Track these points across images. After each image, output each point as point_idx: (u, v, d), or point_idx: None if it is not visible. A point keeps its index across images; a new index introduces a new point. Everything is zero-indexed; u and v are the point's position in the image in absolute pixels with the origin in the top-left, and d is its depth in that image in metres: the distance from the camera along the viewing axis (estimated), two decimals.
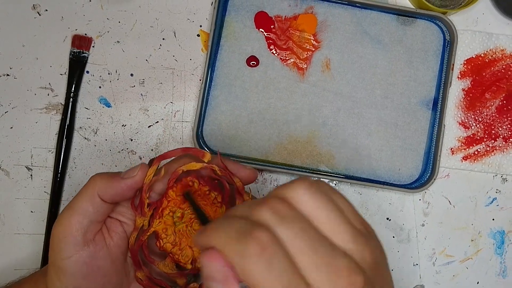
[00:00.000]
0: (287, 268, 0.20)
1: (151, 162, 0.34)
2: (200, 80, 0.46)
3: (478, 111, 0.47)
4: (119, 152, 0.46)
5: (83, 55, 0.46)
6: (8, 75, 0.46)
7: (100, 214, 0.32)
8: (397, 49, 0.47)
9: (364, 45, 0.47)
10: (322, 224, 0.22)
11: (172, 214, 0.34)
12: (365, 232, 0.24)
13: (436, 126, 0.46)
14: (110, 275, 0.33)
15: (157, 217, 0.34)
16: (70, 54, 0.46)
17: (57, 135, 0.46)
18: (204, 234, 0.22)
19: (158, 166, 0.34)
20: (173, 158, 0.35)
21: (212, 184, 0.34)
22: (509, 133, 0.47)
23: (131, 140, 0.46)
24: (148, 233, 0.34)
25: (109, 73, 0.46)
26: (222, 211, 0.34)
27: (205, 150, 0.43)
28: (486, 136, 0.47)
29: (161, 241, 0.34)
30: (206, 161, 0.34)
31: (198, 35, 0.47)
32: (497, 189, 0.47)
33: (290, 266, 0.21)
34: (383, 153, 0.46)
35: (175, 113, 0.46)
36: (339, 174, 0.46)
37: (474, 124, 0.47)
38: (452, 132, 0.47)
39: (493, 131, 0.47)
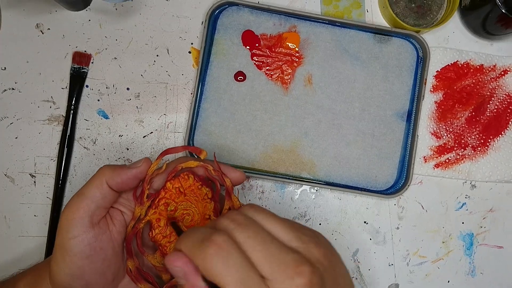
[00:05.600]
0: (242, 263, 0.25)
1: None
2: (191, 93, 0.50)
3: (449, 122, 0.51)
4: (116, 160, 0.49)
5: (83, 70, 0.49)
6: (13, 89, 0.49)
7: (107, 201, 0.35)
8: (374, 65, 0.50)
9: (344, 61, 0.50)
10: (271, 229, 0.27)
11: (167, 206, 0.37)
12: (310, 234, 0.28)
13: (410, 136, 0.50)
14: (109, 260, 0.36)
15: (153, 207, 0.37)
16: (70, 70, 0.49)
17: (58, 144, 0.49)
18: (177, 241, 0.27)
19: (161, 161, 0.37)
20: (174, 157, 0.38)
21: (205, 182, 0.38)
22: (478, 142, 0.51)
23: (127, 149, 0.50)
24: (144, 221, 0.37)
25: (107, 87, 0.49)
26: (211, 206, 0.37)
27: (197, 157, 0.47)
28: (457, 145, 0.51)
29: (153, 231, 0.36)
30: (202, 158, 0.38)
31: (190, 52, 0.50)
32: (466, 195, 0.51)
33: (244, 261, 0.25)
34: (361, 161, 0.50)
35: (168, 124, 0.50)
36: (320, 181, 0.49)
37: (445, 134, 0.51)
38: (425, 141, 0.51)
39: (463, 141, 0.51)
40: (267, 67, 0.50)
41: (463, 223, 0.51)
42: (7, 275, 0.47)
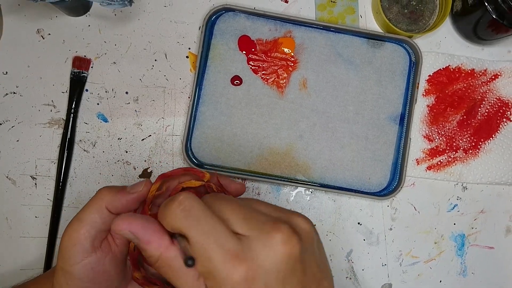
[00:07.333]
0: (206, 215, 0.24)
1: (144, 172, 0.37)
2: (189, 97, 0.50)
3: (441, 125, 0.52)
4: (115, 163, 0.50)
5: (83, 75, 0.50)
6: (14, 93, 0.50)
7: (107, 224, 0.34)
8: (368, 70, 0.51)
9: (338, 65, 0.51)
10: (252, 205, 0.28)
11: None
12: (288, 212, 0.28)
13: (403, 139, 0.51)
14: (113, 279, 0.35)
15: None
16: (71, 74, 0.50)
17: (59, 147, 0.49)
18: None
19: (160, 183, 0.37)
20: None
21: None
22: (469, 145, 0.52)
23: (126, 152, 0.51)
24: None
25: (106, 91, 0.50)
26: None
27: (193, 166, 0.47)
28: (448, 148, 0.52)
29: None
30: (205, 181, 0.37)
31: (187, 57, 0.51)
32: (458, 197, 0.52)
33: (209, 213, 0.24)
34: (354, 163, 0.51)
35: (166, 127, 0.51)
36: (314, 183, 0.50)
37: (437, 137, 0.52)
38: (418, 144, 0.52)
39: (454, 144, 0.52)
40: (263, 72, 0.51)
41: (454, 224, 0.52)
42: (9, 275, 0.48)
